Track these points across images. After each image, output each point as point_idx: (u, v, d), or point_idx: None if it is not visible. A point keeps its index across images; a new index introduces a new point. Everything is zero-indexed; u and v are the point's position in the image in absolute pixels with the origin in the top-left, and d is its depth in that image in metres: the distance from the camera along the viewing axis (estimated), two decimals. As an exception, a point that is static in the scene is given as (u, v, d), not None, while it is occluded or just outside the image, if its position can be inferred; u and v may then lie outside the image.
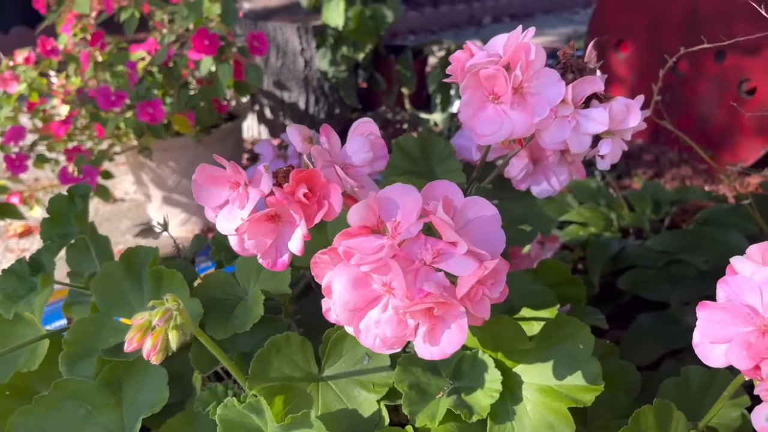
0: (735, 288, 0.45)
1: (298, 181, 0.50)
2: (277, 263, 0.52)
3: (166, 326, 0.43)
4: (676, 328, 1.06)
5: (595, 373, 0.54)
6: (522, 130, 0.56)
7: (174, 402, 0.65)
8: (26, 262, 0.61)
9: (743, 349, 0.42)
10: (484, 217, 0.47)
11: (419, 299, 0.43)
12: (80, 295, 0.71)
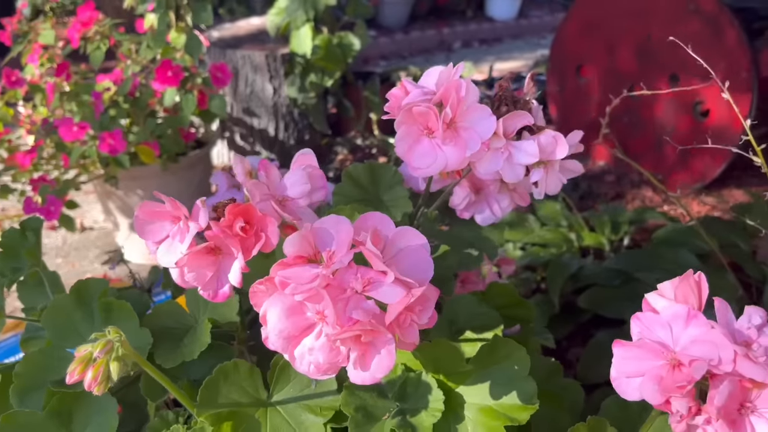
0: (647, 324, 0.48)
1: (234, 215, 0.53)
2: (218, 294, 0.54)
3: (107, 358, 0.44)
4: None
5: (531, 392, 0.57)
6: (455, 163, 0.59)
7: (129, 431, 0.66)
8: (-23, 296, 0.62)
9: (655, 383, 0.45)
10: (413, 247, 0.50)
11: (348, 327, 0.45)
12: (37, 330, 0.72)
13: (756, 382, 0.42)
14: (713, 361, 0.42)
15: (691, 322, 0.44)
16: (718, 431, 0.42)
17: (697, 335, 0.44)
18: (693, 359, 0.42)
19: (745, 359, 0.42)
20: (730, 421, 0.43)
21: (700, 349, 0.43)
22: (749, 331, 0.44)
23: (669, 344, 0.45)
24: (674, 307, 0.46)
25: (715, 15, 1.75)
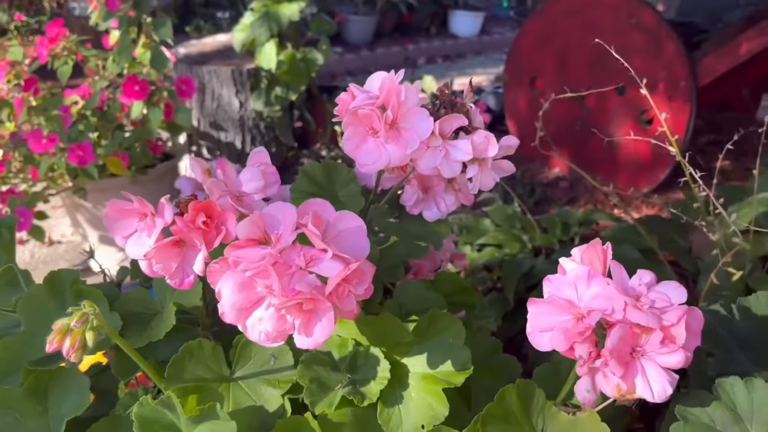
0: (556, 284, 0.55)
1: (197, 210, 0.58)
2: (184, 283, 0.60)
3: (83, 328, 0.50)
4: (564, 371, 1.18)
5: (465, 359, 0.63)
6: (398, 160, 0.66)
7: (100, 415, 0.71)
8: (-44, 288, 0.67)
9: (561, 334, 0.52)
10: (351, 228, 0.56)
11: (291, 297, 0.51)
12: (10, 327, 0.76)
13: (643, 328, 0.49)
14: (608, 311, 0.50)
15: (592, 281, 0.52)
16: (612, 371, 0.50)
17: (597, 291, 0.51)
18: (591, 309, 0.50)
19: (633, 309, 0.49)
20: (623, 363, 0.50)
21: (597, 302, 0.50)
22: (640, 288, 0.52)
23: (574, 300, 0.52)
24: (578, 269, 0.53)
25: (655, 29, 1.88)
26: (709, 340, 0.63)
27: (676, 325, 0.49)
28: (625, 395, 0.51)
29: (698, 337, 0.51)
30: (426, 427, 0.62)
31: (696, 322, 0.51)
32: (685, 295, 0.52)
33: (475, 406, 0.71)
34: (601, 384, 0.52)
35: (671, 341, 0.49)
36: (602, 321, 0.52)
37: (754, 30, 1.76)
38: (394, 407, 0.64)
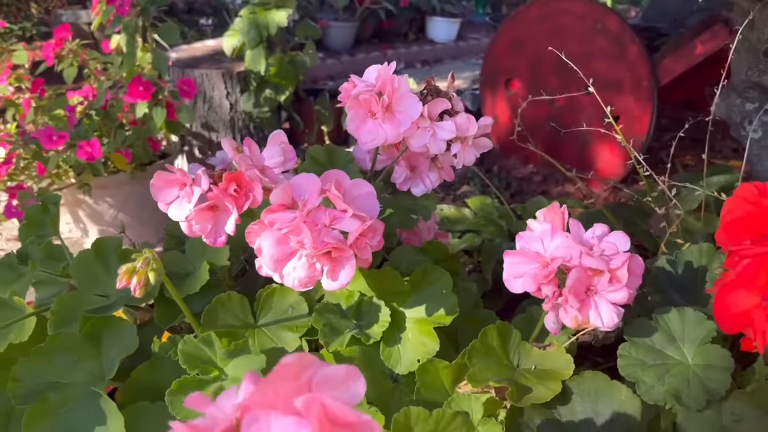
0: (526, 240, 0.68)
1: (228, 180, 0.70)
2: (217, 241, 0.72)
3: (147, 269, 0.61)
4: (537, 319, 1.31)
5: (453, 304, 0.76)
6: (393, 138, 0.79)
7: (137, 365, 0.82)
8: (14, 254, 0.78)
9: (531, 279, 0.65)
10: (364, 193, 0.69)
11: (321, 247, 0.63)
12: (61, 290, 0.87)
13: (595, 271, 0.62)
14: (567, 258, 0.62)
15: (554, 235, 0.65)
16: (571, 305, 0.62)
17: (558, 244, 0.64)
18: (554, 257, 0.62)
19: (587, 256, 0.62)
20: (579, 299, 0.63)
21: (559, 251, 0.63)
22: (593, 240, 0.65)
23: (541, 252, 0.65)
24: (543, 226, 0.66)
25: (619, 33, 2.03)
26: (652, 285, 0.77)
27: (621, 268, 0.62)
28: (581, 325, 0.64)
29: (639, 278, 0.64)
30: (421, 360, 0.74)
31: (637, 266, 0.64)
32: (628, 243, 0.65)
33: (460, 349, 0.84)
34: (562, 317, 0.65)
35: (617, 281, 0.62)
36: (563, 267, 0.65)
37: (708, 33, 1.92)
38: (394, 346, 0.76)
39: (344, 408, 0.40)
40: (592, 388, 0.68)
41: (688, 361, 0.66)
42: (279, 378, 0.42)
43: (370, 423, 0.41)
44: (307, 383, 0.42)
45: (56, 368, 0.72)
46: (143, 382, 0.76)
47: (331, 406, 0.40)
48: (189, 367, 0.68)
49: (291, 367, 0.42)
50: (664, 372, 0.65)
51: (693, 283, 0.75)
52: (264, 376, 0.41)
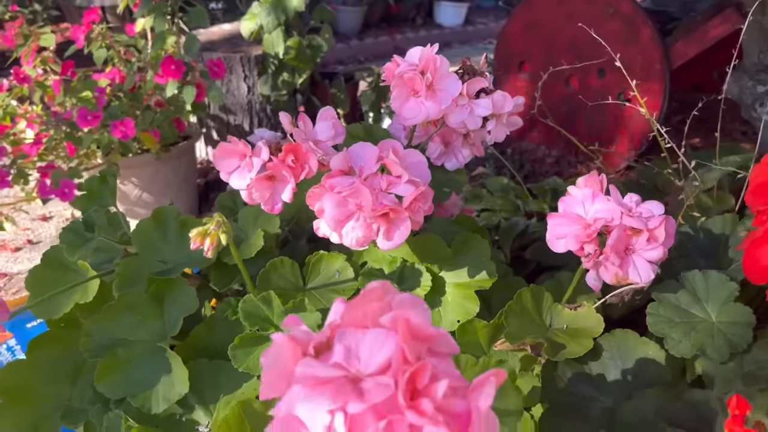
0: (568, 203, 0.74)
1: (287, 151, 0.76)
2: (274, 209, 0.77)
3: (219, 231, 0.66)
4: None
5: (491, 270, 0.81)
6: (434, 114, 0.84)
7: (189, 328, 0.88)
8: (80, 221, 0.83)
9: (573, 238, 0.70)
10: (416, 161, 0.74)
11: (380, 208, 0.69)
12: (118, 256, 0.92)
13: (634, 230, 0.67)
14: (608, 219, 0.68)
15: (595, 199, 0.70)
16: (612, 262, 0.68)
17: (599, 207, 0.69)
18: (596, 218, 0.68)
19: (627, 216, 0.67)
20: (620, 256, 0.68)
21: (600, 213, 0.69)
22: (631, 203, 0.70)
23: (582, 215, 0.70)
24: (585, 190, 0.71)
25: (632, 16, 2.07)
26: (678, 250, 0.82)
27: (658, 227, 0.67)
28: (620, 281, 0.69)
29: (672, 238, 0.69)
30: (461, 320, 0.80)
31: (671, 227, 0.69)
32: (663, 209, 0.70)
33: (493, 312, 0.90)
34: (603, 274, 0.70)
35: (654, 240, 0.68)
36: (603, 229, 0.70)
37: (720, 17, 1.96)
38: (434, 309, 0.82)
39: (425, 322, 0.45)
40: (622, 344, 0.74)
41: (712, 318, 0.71)
42: (365, 300, 0.48)
43: (447, 336, 0.47)
44: (389, 305, 0.48)
45: (123, 326, 0.77)
46: (200, 342, 0.81)
47: (414, 321, 0.45)
48: (249, 323, 0.74)
49: (376, 290, 0.48)
50: (690, 328, 0.70)
51: (716, 249, 0.81)
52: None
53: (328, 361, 0.46)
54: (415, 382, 0.44)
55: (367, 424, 0.42)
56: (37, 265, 0.86)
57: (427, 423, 0.42)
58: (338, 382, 0.43)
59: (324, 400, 0.42)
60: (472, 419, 0.45)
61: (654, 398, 0.66)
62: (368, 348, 0.45)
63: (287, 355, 0.46)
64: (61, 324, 0.85)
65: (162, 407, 0.74)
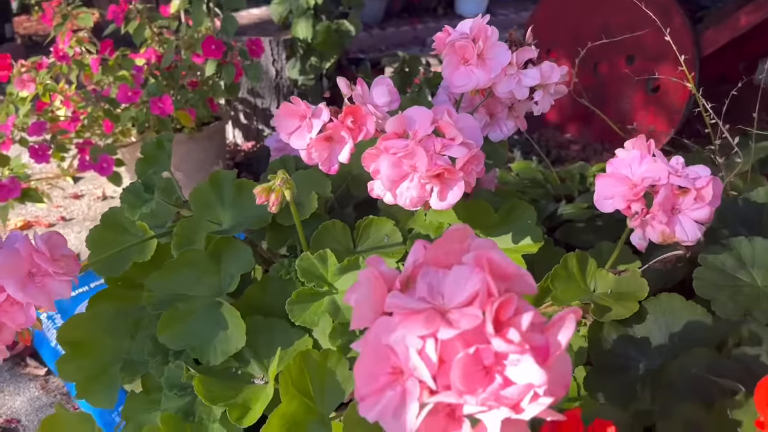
0: (616, 165, 0.75)
1: (346, 113, 0.78)
2: (331, 169, 0.80)
3: (283, 187, 0.69)
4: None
5: (538, 235, 0.84)
6: (483, 83, 0.86)
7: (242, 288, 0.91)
8: (139, 183, 0.86)
9: (621, 197, 0.72)
10: (469, 126, 0.76)
11: (435, 168, 0.71)
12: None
13: (681, 190, 0.69)
14: (656, 179, 0.70)
15: (643, 160, 0.72)
16: (659, 220, 0.69)
17: (647, 168, 0.71)
18: (644, 177, 0.70)
19: (674, 176, 0.69)
20: (667, 216, 0.70)
21: (648, 173, 0.70)
22: (677, 165, 0.72)
23: (629, 176, 0.72)
24: (633, 152, 0.73)
25: (665, 3, 2.07)
26: (720, 220, 0.84)
27: (706, 187, 0.69)
28: (666, 239, 0.71)
29: (719, 198, 0.71)
30: (508, 283, 0.82)
31: (718, 187, 0.71)
32: (709, 172, 0.72)
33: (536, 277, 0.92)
34: (649, 233, 0.72)
35: (701, 200, 0.69)
36: (650, 189, 0.72)
37: (752, 5, 1.96)
38: (482, 272, 0.84)
39: (507, 260, 0.48)
40: (668, 308, 0.76)
41: (758, 283, 0.73)
42: (447, 241, 0.51)
43: (527, 276, 0.50)
44: (468, 247, 0.50)
45: (183, 282, 0.80)
46: (253, 301, 0.84)
47: (496, 259, 0.48)
48: (306, 280, 0.77)
49: (458, 232, 0.50)
50: (736, 292, 0.72)
51: (758, 218, 0.82)
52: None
53: (412, 296, 0.49)
54: (499, 314, 0.47)
55: (455, 351, 0.45)
56: (97, 225, 0.89)
57: (514, 350, 0.45)
58: (428, 312, 0.46)
59: (417, 327, 0.45)
60: (551, 352, 0.47)
61: (701, 356, 0.68)
62: (452, 284, 0.48)
63: (375, 289, 0.49)
64: (119, 283, 0.88)
65: (220, 359, 0.77)
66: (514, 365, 0.46)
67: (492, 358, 0.46)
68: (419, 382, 0.46)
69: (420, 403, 0.45)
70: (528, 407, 0.45)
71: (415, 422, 0.45)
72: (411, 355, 0.45)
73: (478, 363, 0.46)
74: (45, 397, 1.45)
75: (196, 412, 0.74)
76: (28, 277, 0.62)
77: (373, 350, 0.47)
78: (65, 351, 0.82)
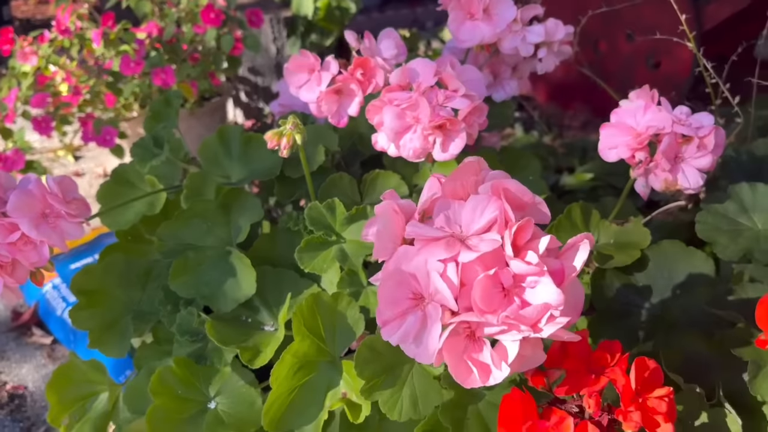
0: (620, 115, 0.77)
1: (356, 65, 0.79)
2: (341, 122, 0.81)
3: (294, 131, 0.70)
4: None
5: (543, 187, 0.85)
6: (489, 38, 0.87)
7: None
8: (149, 137, 0.87)
9: (625, 146, 0.73)
10: (472, 78, 0.77)
11: (437, 119, 0.72)
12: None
13: (685, 138, 0.71)
14: (660, 127, 0.71)
15: (647, 110, 0.73)
16: (662, 168, 0.71)
17: (651, 117, 0.72)
18: (648, 126, 0.71)
19: (678, 124, 0.70)
20: (670, 164, 0.71)
21: (652, 122, 0.72)
22: (681, 114, 0.73)
23: (634, 125, 0.73)
24: (637, 102, 0.74)
25: (664, -22, 2.07)
26: (722, 171, 0.85)
27: (708, 136, 0.70)
28: (669, 187, 0.72)
29: (721, 147, 0.72)
30: (513, 233, 0.83)
31: (720, 137, 0.72)
32: (712, 119, 0.73)
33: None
34: (652, 181, 0.73)
35: (704, 148, 0.71)
36: (654, 138, 0.73)
37: (754, -21, 1.96)
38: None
39: (523, 189, 0.49)
40: (670, 254, 0.77)
41: (758, 227, 0.74)
42: (462, 174, 0.52)
43: (542, 204, 0.51)
44: (483, 179, 0.51)
45: (193, 232, 0.82)
46: (263, 252, 0.86)
47: (512, 188, 0.49)
48: (315, 228, 0.78)
49: (473, 164, 0.52)
50: (737, 235, 0.73)
51: (759, 169, 0.84)
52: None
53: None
54: (517, 239, 0.48)
55: (475, 274, 0.47)
56: (107, 180, 0.90)
57: (532, 272, 0.47)
58: (448, 238, 0.47)
59: (438, 251, 0.47)
60: (566, 275, 0.49)
61: (702, 294, 0.69)
62: (469, 213, 0.49)
63: (393, 221, 0.51)
64: (129, 237, 0.90)
65: (230, 307, 0.78)
66: (532, 287, 0.47)
67: (511, 280, 0.47)
68: (440, 306, 0.47)
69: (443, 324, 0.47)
70: (545, 327, 0.46)
71: (437, 343, 0.46)
72: (433, 279, 0.46)
73: (498, 285, 0.47)
74: (51, 365, 1.46)
75: (208, 356, 0.76)
76: (42, 217, 0.64)
77: (395, 278, 0.48)
78: (79, 300, 0.84)
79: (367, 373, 0.63)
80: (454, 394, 0.65)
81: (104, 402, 0.84)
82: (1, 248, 0.60)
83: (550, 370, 0.57)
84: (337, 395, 0.69)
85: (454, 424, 0.63)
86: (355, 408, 0.66)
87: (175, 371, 0.73)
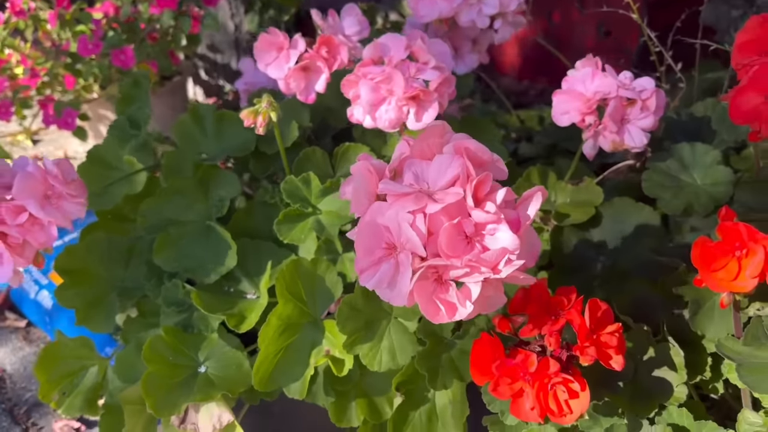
0: (570, 82, 0.82)
1: (320, 43, 0.83)
2: (308, 98, 0.85)
3: (269, 109, 0.74)
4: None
5: (503, 151, 0.91)
6: (446, 12, 0.91)
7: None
8: (124, 118, 0.90)
9: (576, 111, 0.79)
10: (441, 51, 0.82)
11: (411, 91, 0.76)
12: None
13: (629, 101, 0.77)
14: (606, 92, 0.77)
15: (595, 77, 0.79)
16: (610, 130, 0.77)
17: (599, 83, 0.78)
18: (596, 91, 0.77)
19: (623, 89, 0.77)
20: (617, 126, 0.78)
21: (601, 87, 0.78)
22: (625, 80, 0.79)
23: (583, 92, 0.79)
24: (585, 69, 0.80)
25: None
26: (664, 133, 0.93)
27: (650, 98, 0.77)
28: (617, 147, 0.79)
29: (662, 109, 0.79)
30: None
31: (661, 99, 0.79)
32: (653, 84, 0.79)
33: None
34: (601, 142, 0.80)
35: (647, 110, 0.77)
36: (601, 103, 0.79)
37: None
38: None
39: (483, 148, 0.55)
40: (621, 210, 0.84)
41: (697, 182, 0.82)
42: (429, 135, 0.57)
43: (500, 161, 0.56)
44: (448, 140, 0.57)
45: (173, 208, 0.85)
46: (241, 225, 0.89)
47: (473, 147, 0.55)
48: (291, 201, 0.82)
49: (438, 128, 0.57)
50: (679, 191, 0.81)
51: (698, 129, 0.91)
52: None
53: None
54: (477, 192, 0.54)
55: (441, 223, 0.52)
56: (83, 162, 0.92)
57: (491, 220, 0.52)
58: (416, 193, 0.53)
59: (408, 204, 0.52)
60: (522, 223, 0.55)
61: (648, 244, 0.76)
62: (435, 170, 0.55)
63: (367, 180, 0.56)
64: (109, 216, 0.92)
65: (213, 279, 0.83)
66: (491, 234, 0.53)
67: (472, 228, 0.53)
68: (411, 253, 0.53)
69: (413, 269, 0.52)
70: (504, 269, 0.52)
71: (408, 287, 0.52)
72: (404, 229, 0.52)
73: (461, 233, 0.53)
74: (28, 347, 1.48)
75: (194, 324, 0.80)
76: (45, 199, 0.66)
77: (370, 230, 0.54)
78: (63, 279, 0.86)
79: (348, 329, 0.69)
80: (429, 344, 0.71)
81: (94, 375, 0.87)
82: (12, 230, 0.62)
83: (514, 316, 0.64)
84: (321, 353, 0.75)
85: (429, 372, 0.69)
86: (339, 363, 0.72)
87: (165, 339, 0.77)
